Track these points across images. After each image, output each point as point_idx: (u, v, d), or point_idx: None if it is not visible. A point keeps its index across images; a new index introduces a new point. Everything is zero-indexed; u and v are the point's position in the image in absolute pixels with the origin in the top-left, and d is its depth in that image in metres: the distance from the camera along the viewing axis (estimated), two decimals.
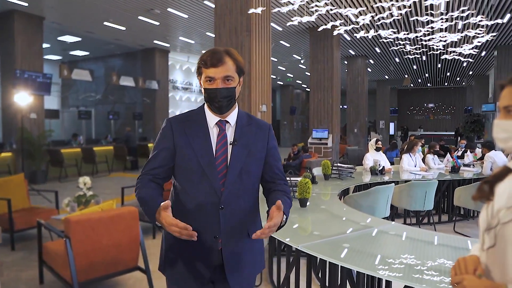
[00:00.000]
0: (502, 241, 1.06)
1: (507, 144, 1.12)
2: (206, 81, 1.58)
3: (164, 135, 1.65)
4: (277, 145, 1.78)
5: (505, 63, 14.02)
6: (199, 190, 1.59)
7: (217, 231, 1.59)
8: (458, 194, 5.57)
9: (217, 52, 1.57)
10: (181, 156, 1.61)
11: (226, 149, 1.62)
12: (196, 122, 1.65)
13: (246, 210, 1.65)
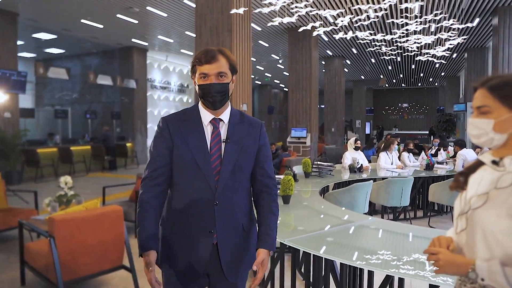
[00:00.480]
0: (472, 224, 1.19)
1: (479, 140, 1.25)
2: (201, 78, 1.64)
3: (162, 134, 1.70)
4: (268, 143, 1.84)
5: (475, 64, 14.58)
6: (194, 186, 1.65)
7: (212, 226, 1.65)
8: (432, 190, 5.80)
9: (210, 50, 1.65)
10: (177, 154, 1.67)
11: (220, 146, 1.68)
12: (191, 121, 1.71)
13: (239, 205, 1.72)
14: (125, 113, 13.86)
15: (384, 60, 16.78)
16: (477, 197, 1.21)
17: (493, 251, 1.14)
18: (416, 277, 2.03)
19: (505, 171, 1.17)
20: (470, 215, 1.21)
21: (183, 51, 14.63)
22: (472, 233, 1.20)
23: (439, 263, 1.22)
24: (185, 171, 1.66)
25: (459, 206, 1.30)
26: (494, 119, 1.19)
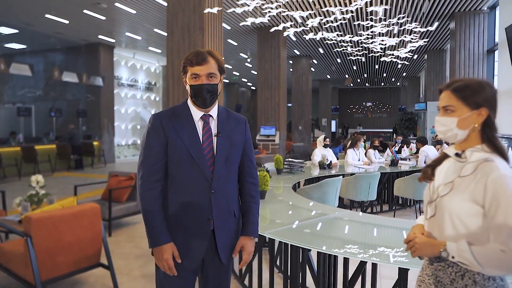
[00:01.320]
0: (441, 210, 1.37)
1: (445, 135, 1.42)
2: (192, 78, 1.76)
3: (155, 130, 1.79)
4: (251, 137, 2.00)
5: (434, 66, 15.32)
6: (191, 178, 1.77)
7: (210, 213, 1.78)
8: (397, 185, 6.12)
9: (201, 52, 1.77)
10: (172, 149, 1.77)
11: (212, 140, 1.81)
12: (183, 117, 1.82)
13: (231, 193, 1.87)
14: (92, 111, 13.53)
15: (350, 60, 17.28)
16: (444, 186, 1.38)
17: (459, 231, 1.32)
18: (387, 262, 2.22)
19: (466, 162, 1.35)
20: (438, 202, 1.39)
21: (151, 49, 14.45)
22: (440, 218, 1.38)
23: (415, 246, 1.39)
24: (181, 165, 1.77)
25: (428, 195, 1.48)
26: (458, 117, 1.37)
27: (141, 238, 5.09)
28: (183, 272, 1.81)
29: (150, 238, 1.76)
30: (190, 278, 1.85)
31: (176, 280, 1.82)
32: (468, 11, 10.17)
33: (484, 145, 1.35)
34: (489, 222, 1.27)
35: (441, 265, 1.37)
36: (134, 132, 16.23)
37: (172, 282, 1.83)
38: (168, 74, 6.80)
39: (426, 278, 1.46)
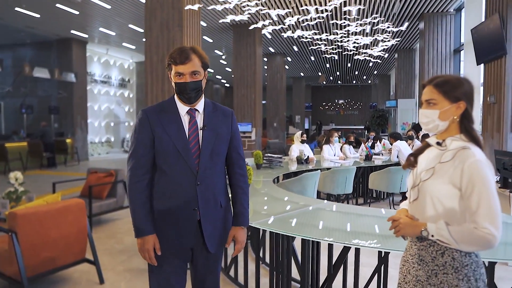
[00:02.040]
0: (422, 194, 1.52)
1: (428, 126, 1.57)
2: (176, 76, 1.83)
3: (142, 125, 1.86)
4: (238, 128, 2.07)
5: (404, 64, 15.84)
6: (177, 170, 1.84)
7: (196, 204, 1.85)
8: (372, 179, 6.36)
9: (184, 50, 1.82)
10: (159, 142, 1.84)
11: (198, 134, 1.88)
12: (169, 112, 1.89)
13: (217, 184, 1.93)
14: (64, 107, 13.19)
15: (323, 58, 17.59)
16: (426, 171, 1.53)
17: (439, 212, 1.47)
18: (369, 247, 2.38)
19: (446, 149, 1.51)
20: (421, 186, 1.54)
21: (125, 45, 14.24)
22: (423, 200, 1.53)
23: (399, 226, 1.54)
24: (168, 158, 1.84)
25: (412, 180, 1.62)
26: (439, 110, 1.52)
27: (122, 234, 5.09)
28: (173, 260, 1.89)
29: (135, 228, 1.84)
30: (180, 266, 1.92)
31: (167, 268, 1.89)
32: (436, 12, 10.61)
33: (462, 134, 1.51)
34: (465, 203, 1.42)
35: (423, 245, 1.52)
36: (108, 129, 15.97)
37: (163, 269, 1.90)
38: (147, 71, 6.77)
39: (409, 258, 1.60)
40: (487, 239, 1.37)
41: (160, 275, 1.91)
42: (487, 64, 6.02)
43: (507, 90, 5.40)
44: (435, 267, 1.48)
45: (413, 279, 1.57)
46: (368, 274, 3.08)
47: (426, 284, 1.50)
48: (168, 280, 1.90)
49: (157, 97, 6.77)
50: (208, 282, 2.01)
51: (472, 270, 1.45)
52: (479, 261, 1.49)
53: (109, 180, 5.55)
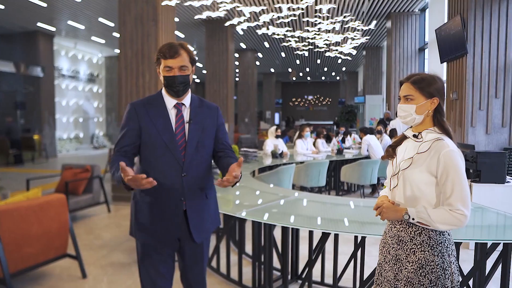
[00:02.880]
0: (403, 181, 1.70)
1: (405, 119, 1.74)
2: (165, 70, 1.91)
3: (129, 117, 1.95)
4: (224, 122, 2.17)
5: (371, 61, 16.33)
6: (163, 162, 1.93)
7: (182, 195, 1.94)
8: (344, 172, 6.62)
9: (173, 46, 1.91)
10: (146, 135, 1.93)
11: (184, 127, 1.97)
12: (157, 105, 1.98)
13: (203, 176, 2.03)
14: (31, 103, 12.71)
15: (293, 54, 17.84)
16: (405, 161, 1.71)
17: (417, 196, 1.65)
18: (346, 232, 2.57)
19: (422, 141, 1.69)
20: (400, 175, 1.71)
21: (94, 39, 13.90)
22: (402, 188, 1.70)
23: (383, 211, 1.70)
24: (155, 150, 1.93)
25: (391, 170, 1.80)
26: (416, 104, 1.69)
27: (100, 229, 5.08)
28: (161, 249, 1.99)
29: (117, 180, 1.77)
30: (169, 255, 2.02)
31: (156, 257, 1.99)
32: (402, 12, 11.04)
33: (435, 127, 1.69)
34: (441, 188, 1.61)
35: (403, 227, 1.70)
36: (77, 125, 15.56)
37: (152, 258, 1.99)
38: (121, 65, 6.71)
39: (389, 240, 1.78)
40: (460, 219, 1.56)
41: (149, 263, 1.99)
42: (450, 62, 6.38)
43: (468, 87, 5.75)
44: (413, 246, 1.66)
45: (393, 258, 1.74)
46: (345, 261, 3.27)
47: (405, 262, 1.68)
48: (157, 268, 1.99)
49: (131, 92, 6.73)
50: (195, 272, 2.10)
51: (445, 247, 1.64)
52: (451, 239, 1.68)
53: (85, 176, 5.51)
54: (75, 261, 3.76)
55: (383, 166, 6.96)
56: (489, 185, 4.12)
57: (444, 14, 7.76)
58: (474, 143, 5.63)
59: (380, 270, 1.84)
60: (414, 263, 1.65)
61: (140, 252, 2.02)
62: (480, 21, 5.64)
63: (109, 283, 3.48)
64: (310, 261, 2.97)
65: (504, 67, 5.64)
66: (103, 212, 5.89)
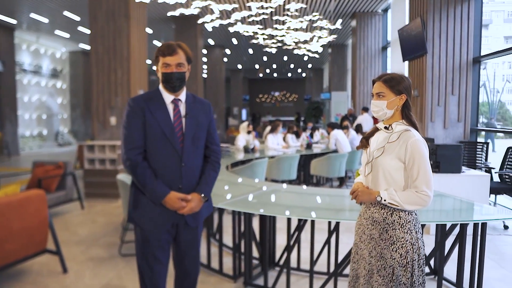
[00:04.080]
0: (376, 168, 1.92)
1: (378, 114, 1.96)
2: (163, 67, 2.07)
3: (135, 112, 2.08)
4: (214, 119, 2.33)
5: (337, 59, 16.81)
6: (164, 153, 2.09)
7: (180, 183, 2.11)
8: (313, 165, 6.90)
9: (171, 45, 2.08)
10: (149, 127, 2.08)
11: (181, 121, 2.13)
12: (156, 100, 2.13)
13: (198, 166, 2.21)
14: None
15: (260, 51, 18.03)
16: (377, 150, 1.93)
17: (389, 182, 1.88)
18: (321, 218, 2.80)
19: (392, 132, 1.91)
20: (373, 162, 1.93)
21: (57, 33, 13.48)
22: (376, 174, 1.92)
23: (359, 195, 1.92)
24: (156, 141, 2.08)
25: (366, 158, 2.02)
26: (387, 101, 1.91)
27: (76, 226, 5.08)
28: (159, 235, 2.13)
29: (155, 197, 2.04)
30: (166, 240, 2.16)
31: (154, 242, 2.13)
32: (366, 12, 11.49)
33: (403, 120, 1.93)
34: (408, 173, 1.84)
35: (376, 209, 1.92)
36: (40, 122, 15.04)
37: (150, 244, 2.13)
38: (92, 61, 6.65)
39: (364, 221, 2.00)
40: (424, 199, 1.80)
41: (148, 249, 2.13)
42: (411, 61, 6.79)
43: (427, 84, 6.17)
44: (385, 225, 1.89)
45: (368, 237, 1.96)
46: (319, 249, 3.51)
47: (379, 240, 1.91)
48: (154, 254, 2.14)
49: (103, 89, 6.69)
50: (190, 257, 2.26)
51: (413, 225, 1.88)
52: (418, 218, 1.93)
53: (58, 173, 5.46)
54: (54, 257, 3.79)
55: (350, 160, 7.31)
56: (447, 174, 4.49)
57: (405, 15, 8.21)
58: (434, 136, 6.05)
59: (356, 249, 2.06)
60: (387, 240, 1.88)
61: (139, 238, 2.15)
62: (438, 23, 6.06)
63: (91, 276, 3.55)
64: (288, 247, 3.18)
65: (459, 66, 6.09)
66: (76, 209, 5.86)
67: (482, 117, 20.25)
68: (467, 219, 2.79)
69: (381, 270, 1.88)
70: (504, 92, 26.08)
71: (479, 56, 6.16)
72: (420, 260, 1.88)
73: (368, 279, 1.94)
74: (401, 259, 1.85)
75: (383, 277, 1.87)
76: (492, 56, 5.99)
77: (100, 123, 6.71)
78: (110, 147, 6.34)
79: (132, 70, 6.69)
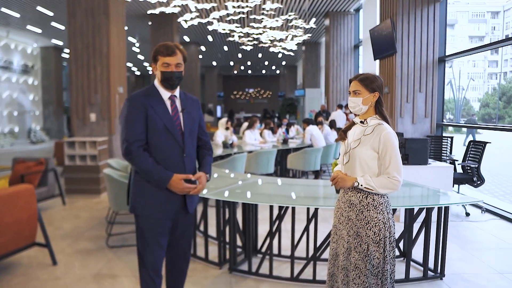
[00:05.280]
0: (353, 157, 2.17)
1: (354, 109, 2.22)
2: (163, 66, 2.26)
3: (136, 107, 2.24)
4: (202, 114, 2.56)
5: (310, 56, 17.18)
6: (167, 145, 2.28)
7: (183, 172, 2.31)
8: (290, 159, 7.18)
9: (170, 46, 2.28)
10: (152, 122, 2.25)
11: (179, 115, 2.33)
12: (155, 96, 2.31)
13: (194, 156, 2.43)
14: None
15: (235, 48, 18.20)
16: (354, 142, 2.19)
17: (364, 169, 2.14)
18: (301, 205, 3.04)
19: (367, 126, 2.17)
20: (351, 152, 2.19)
21: (29, 28, 13.18)
22: (353, 163, 2.18)
23: (338, 181, 2.17)
24: (159, 135, 2.26)
25: (344, 149, 2.27)
26: (362, 98, 2.17)
27: (59, 221, 5.14)
28: (163, 222, 2.32)
29: (160, 181, 2.21)
30: (167, 225, 2.35)
31: (157, 229, 2.31)
32: (339, 12, 11.87)
33: (377, 115, 2.19)
34: (381, 161, 2.11)
35: (353, 193, 2.18)
36: (11, 119, 14.65)
37: (154, 231, 2.31)
38: (71, 58, 6.66)
39: (342, 205, 2.26)
40: (395, 184, 2.07)
41: (150, 235, 2.31)
42: (382, 60, 7.16)
43: (397, 82, 6.54)
44: (361, 207, 2.15)
45: (346, 219, 2.22)
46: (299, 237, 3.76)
47: (355, 220, 2.16)
48: (156, 239, 2.33)
49: (82, 85, 6.71)
50: (185, 240, 2.49)
51: (385, 207, 2.15)
52: (389, 201, 2.20)
53: (40, 169, 5.50)
54: (42, 251, 3.90)
55: (325, 154, 7.63)
56: (415, 166, 4.85)
57: (376, 15, 8.59)
58: (403, 131, 6.44)
59: (335, 230, 2.32)
60: (362, 220, 2.14)
61: (143, 227, 2.31)
62: (407, 24, 6.44)
63: (81, 267, 3.67)
64: (270, 233, 3.41)
65: (426, 65, 6.50)
66: (58, 205, 5.90)
67: (459, 114, 21.09)
68: (432, 204, 3.11)
69: (358, 247, 2.14)
70: (468, 89, 27.25)
71: (444, 55, 6.59)
72: (391, 237, 2.16)
73: (346, 256, 2.20)
74: (374, 237, 2.11)
75: (359, 253, 2.13)
76: (456, 56, 6.43)
77: (79, 119, 6.74)
78: (91, 143, 6.40)
79: (111, 67, 6.74)
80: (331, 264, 2.32)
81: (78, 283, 3.35)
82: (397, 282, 3.18)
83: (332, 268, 2.31)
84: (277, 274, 3.40)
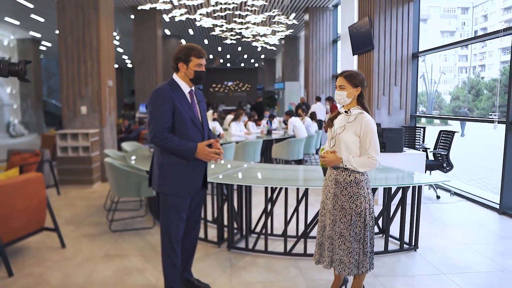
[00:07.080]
0: (338, 142, 2.58)
1: (340, 101, 2.61)
2: (197, 66, 2.63)
3: (164, 98, 2.56)
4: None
5: (290, 50, 17.57)
6: (193, 133, 2.65)
7: None
8: (275, 149, 7.58)
9: (202, 49, 2.66)
10: (178, 113, 2.59)
11: (197, 107, 2.71)
12: (179, 90, 2.66)
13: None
14: None
15: (216, 41, 18.39)
16: (339, 128, 2.59)
17: (348, 151, 2.54)
18: (292, 186, 3.43)
19: (351, 115, 2.57)
20: (337, 137, 2.59)
21: (7, 20, 13.01)
22: (338, 145, 2.58)
23: (326, 159, 2.56)
24: (186, 124, 2.61)
25: (331, 134, 2.67)
26: (346, 91, 2.56)
27: (59, 210, 5.34)
28: (187, 200, 2.69)
29: (188, 154, 2.55)
30: (187, 202, 2.71)
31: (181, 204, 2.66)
32: (318, 7, 12.28)
33: (359, 106, 2.59)
34: (362, 144, 2.51)
35: (338, 172, 2.58)
36: None
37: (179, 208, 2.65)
38: (61, 53, 6.81)
39: (329, 183, 2.66)
40: (374, 163, 2.49)
41: (175, 211, 2.67)
42: (360, 55, 7.62)
43: (374, 76, 7.01)
44: (345, 184, 2.55)
45: (332, 195, 2.62)
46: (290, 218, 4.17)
47: (341, 196, 2.57)
48: (180, 214, 2.70)
49: (73, 79, 6.86)
50: (196, 213, 2.88)
51: (365, 183, 2.56)
52: (368, 179, 2.62)
53: (36, 160, 5.70)
54: (50, 235, 4.15)
55: (307, 144, 8.07)
56: (391, 154, 5.33)
57: (354, 11, 9.05)
58: (380, 122, 6.93)
59: (323, 205, 2.72)
60: (346, 195, 2.55)
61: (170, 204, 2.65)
62: (383, 22, 6.89)
63: (89, 249, 3.95)
64: (266, 212, 3.80)
65: (401, 61, 6.99)
66: (53, 195, 6.09)
67: (431, 107, 21.86)
68: (407, 183, 3.56)
69: (342, 218, 2.55)
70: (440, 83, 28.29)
71: (417, 52, 7.10)
72: (370, 208, 2.57)
73: (332, 227, 2.60)
74: (356, 209, 2.52)
75: (344, 223, 2.54)
76: (429, 52, 6.95)
77: (70, 111, 6.91)
78: (83, 135, 6.60)
79: (102, 61, 6.93)
80: (320, 234, 2.72)
81: (88, 262, 3.64)
82: (377, 254, 3.62)
83: (320, 239, 2.71)
84: (272, 250, 3.79)
